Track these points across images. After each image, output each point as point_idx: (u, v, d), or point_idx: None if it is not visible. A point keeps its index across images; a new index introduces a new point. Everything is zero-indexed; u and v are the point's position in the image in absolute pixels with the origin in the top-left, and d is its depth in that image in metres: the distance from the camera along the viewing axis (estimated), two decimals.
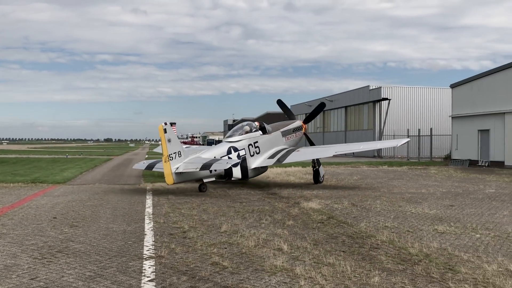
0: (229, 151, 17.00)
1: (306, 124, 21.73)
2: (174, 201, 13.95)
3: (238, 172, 16.85)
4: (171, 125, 15.85)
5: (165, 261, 7.07)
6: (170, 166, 15.01)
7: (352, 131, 52.25)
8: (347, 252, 7.65)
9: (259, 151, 18.13)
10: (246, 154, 17.46)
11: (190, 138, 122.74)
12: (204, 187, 16.12)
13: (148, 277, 6.28)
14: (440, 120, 45.54)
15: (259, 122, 19.18)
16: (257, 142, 18.11)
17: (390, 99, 46.18)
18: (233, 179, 17.17)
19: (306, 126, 21.79)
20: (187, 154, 15.94)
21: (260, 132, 18.48)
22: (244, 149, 17.46)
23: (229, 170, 16.27)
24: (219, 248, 7.87)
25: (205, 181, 16.06)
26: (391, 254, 7.49)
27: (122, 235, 8.98)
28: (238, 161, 16.83)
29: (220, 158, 16.33)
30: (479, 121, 33.17)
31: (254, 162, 17.75)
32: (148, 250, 7.74)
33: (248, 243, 8.11)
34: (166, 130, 15.06)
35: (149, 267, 6.72)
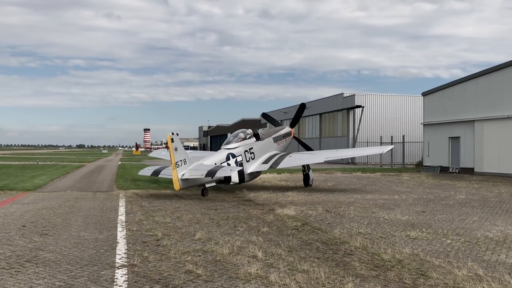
0: (227, 158, 17.94)
1: (292, 128, 22.90)
2: (148, 208, 13.78)
3: (236, 176, 17.64)
4: (145, 131, 16.28)
5: (138, 269, 6.96)
6: (177, 173, 15.63)
7: (326, 138, 52.77)
8: (321, 258, 7.68)
9: (254, 157, 19.15)
10: (242, 159, 18.42)
11: (164, 144, 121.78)
12: (206, 192, 16.83)
13: (120, 286, 6.17)
14: (412, 127, 46.46)
15: (253, 129, 20.27)
16: (252, 148, 19.16)
17: (363, 107, 46.93)
18: (231, 183, 17.92)
19: (294, 131, 22.99)
20: (191, 161, 16.66)
21: (254, 138, 19.47)
22: (241, 155, 18.45)
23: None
24: (193, 256, 7.80)
25: (207, 186, 16.76)
26: (365, 260, 7.55)
27: (94, 244, 8.82)
28: (240, 168, 17.82)
29: (220, 164, 17.23)
30: (450, 128, 33.95)
31: (250, 167, 18.76)
32: (120, 259, 7.61)
33: (222, 251, 8.07)
34: (173, 140, 15.74)
35: (121, 276, 6.61)
